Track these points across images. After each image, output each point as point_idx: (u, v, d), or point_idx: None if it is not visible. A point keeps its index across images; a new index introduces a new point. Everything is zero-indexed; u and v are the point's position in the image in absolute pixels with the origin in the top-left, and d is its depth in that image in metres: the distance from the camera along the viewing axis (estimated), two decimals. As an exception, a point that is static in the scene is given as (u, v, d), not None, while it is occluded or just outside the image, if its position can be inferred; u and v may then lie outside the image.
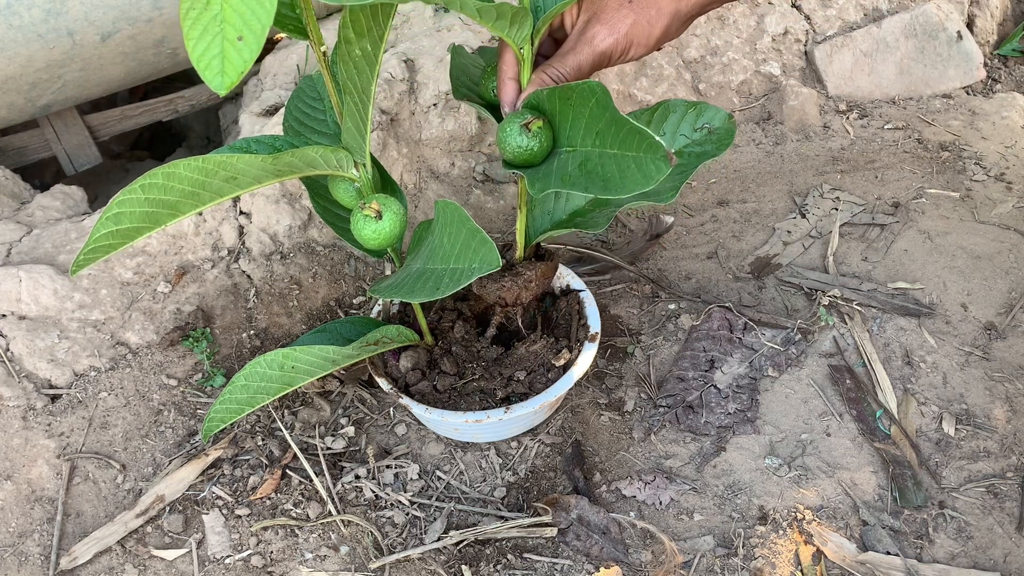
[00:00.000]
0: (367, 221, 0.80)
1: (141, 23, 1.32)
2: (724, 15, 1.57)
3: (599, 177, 0.68)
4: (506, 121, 0.76)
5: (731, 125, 0.84)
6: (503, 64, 0.78)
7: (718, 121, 0.85)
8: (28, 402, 1.06)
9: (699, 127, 0.86)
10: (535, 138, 0.75)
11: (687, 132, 0.86)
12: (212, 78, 0.50)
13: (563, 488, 1.00)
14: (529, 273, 0.94)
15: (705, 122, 0.85)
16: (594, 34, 0.77)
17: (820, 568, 0.90)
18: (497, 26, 0.71)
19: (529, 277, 0.94)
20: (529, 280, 0.94)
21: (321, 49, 0.74)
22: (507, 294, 0.94)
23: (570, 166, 0.72)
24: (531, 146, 0.75)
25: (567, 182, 0.71)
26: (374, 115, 1.31)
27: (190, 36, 0.49)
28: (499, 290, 0.94)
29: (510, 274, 0.94)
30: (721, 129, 0.85)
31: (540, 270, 0.95)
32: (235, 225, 1.21)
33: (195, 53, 0.50)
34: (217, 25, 0.48)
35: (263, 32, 0.49)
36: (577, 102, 0.71)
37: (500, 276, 0.94)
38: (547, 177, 0.74)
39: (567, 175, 0.72)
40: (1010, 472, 0.97)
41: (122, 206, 0.66)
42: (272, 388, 0.86)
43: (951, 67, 1.61)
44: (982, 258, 1.21)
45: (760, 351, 1.11)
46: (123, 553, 0.96)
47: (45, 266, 1.12)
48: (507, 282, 0.94)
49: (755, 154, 1.49)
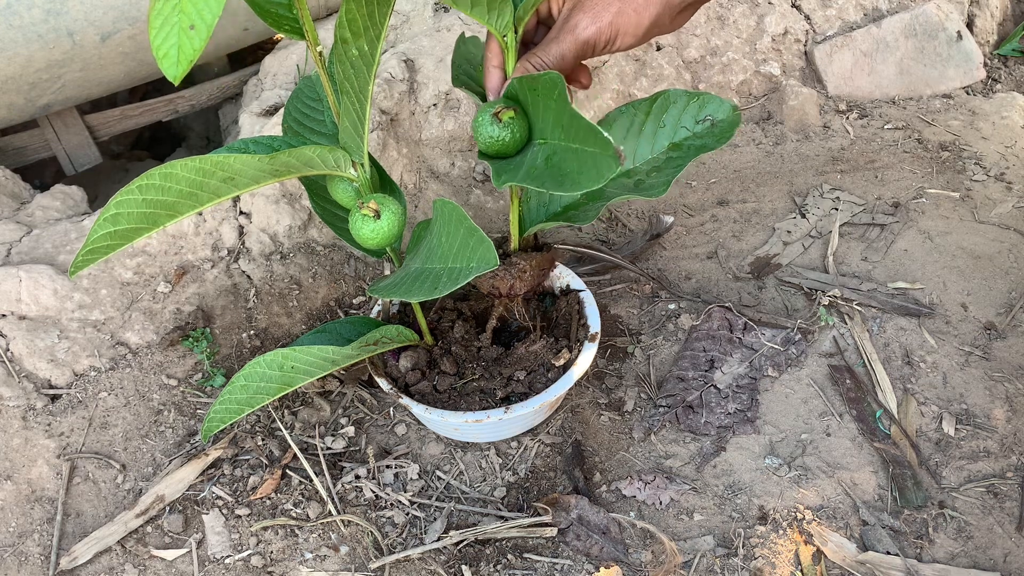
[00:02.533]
0: (365, 220, 0.80)
1: (141, 23, 1.32)
2: (724, 15, 1.57)
3: (560, 173, 0.67)
4: (480, 110, 0.75)
5: (735, 117, 0.81)
6: (488, 52, 0.77)
7: (722, 113, 0.82)
8: (28, 402, 1.06)
9: (702, 119, 0.83)
10: (506, 128, 0.74)
11: (689, 124, 0.83)
12: (168, 67, 0.53)
13: (563, 488, 1.00)
14: (523, 264, 0.93)
15: (708, 114, 0.82)
16: (576, 22, 0.75)
17: (820, 568, 0.90)
18: (475, 12, 0.70)
19: (523, 268, 0.93)
20: (523, 271, 0.93)
21: (318, 49, 0.74)
22: (501, 284, 0.93)
23: (539, 159, 0.71)
24: (502, 136, 0.74)
25: (531, 176, 0.70)
26: (373, 115, 1.31)
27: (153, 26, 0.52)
28: (493, 280, 0.93)
29: (504, 264, 0.93)
30: (725, 121, 0.81)
31: (535, 261, 0.94)
32: (235, 225, 1.21)
33: (155, 43, 0.53)
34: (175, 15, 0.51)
35: (213, 21, 0.52)
36: (543, 93, 0.69)
37: None
38: (515, 170, 0.72)
39: (534, 168, 0.70)
40: (1010, 472, 0.97)
41: (120, 207, 0.66)
42: (272, 388, 0.86)
43: (951, 67, 1.61)
44: (982, 258, 1.21)
45: (760, 351, 1.11)
46: (123, 553, 0.96)
47: (45, 266, 1.12)
48: (501, 272, 0.93)
49: (755, 154, 1.48)
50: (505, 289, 0.94)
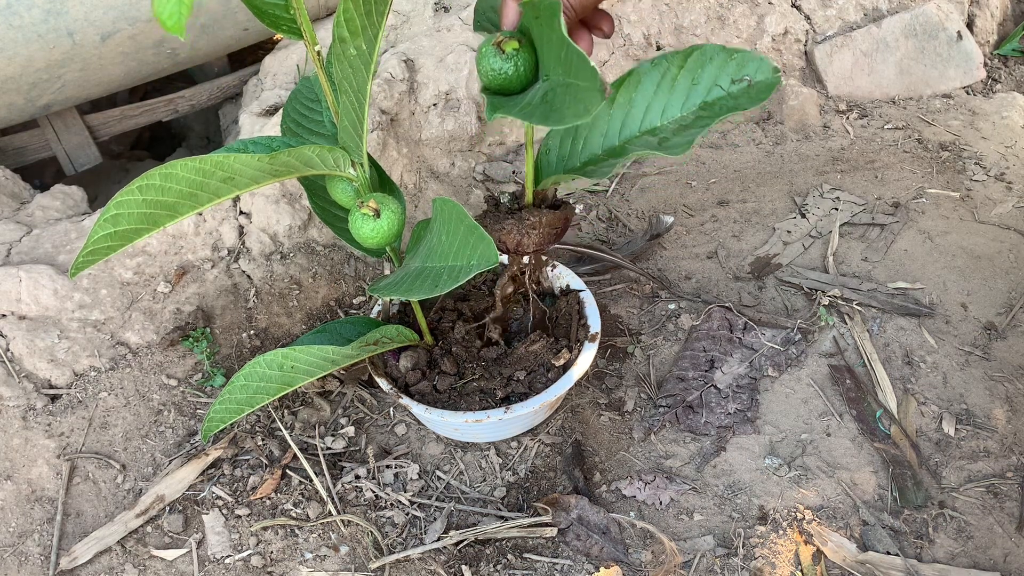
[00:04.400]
0: (365, 220, 0.80)
1: (141, 23, 1.32)
2: (724, 15, 1.57)
3: (551, 108, 0.63)
4: (484, 41, 0.70)
5: (775, 79, 0.75)
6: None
7: (762, 74, 0.75)
8: (28, 402, 1.06)
9: (739, 78, 0.76)
10: (509, 60, 0.68)
11: (724, 84, 0.77)
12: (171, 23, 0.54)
13: (563, 488, 1.00)
14: (534, 219, 0.85)
15: (747, 74, 0.76)
16: None
17: (820, 568, 0.90)
18: None
19: (533, 223, 0.85)
20: (533, 226, 0.85)
21: (316, 49, 0.74)
22: (508, 238, 0.86)
23: (538, 96, 0.66)
24: (505, 69, 0.69)
25: (524, 111, 0.65)
26: (373, 115, 1.31)
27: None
28: (500, 233, 0.86)
29: (514, 218, 0.86)
30: (763, 83, 0.75)
31: (547, 217, 0.86)
32: (235, 225, 1.21)
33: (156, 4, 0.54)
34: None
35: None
36: (545, 22, 0.64)
37: (503, 219, 0.86)
38: (510, 105, 0.68)
39: (529, 105, 0.66)
40: (1010, 472, 0.97)
41: (120, 207, 0.66)
42: (272, 388, 0.86)
43: (951, 67, 1.61)
44: (982, 258, 1.21)
45: (760, 351, 1.11)
46: (123, 553, 0.96)
47: (45, 266, 1.12)
48: (508, 225, 0.85)
49: (755, 154, 1.48)
50: (512, 244, 0.87)
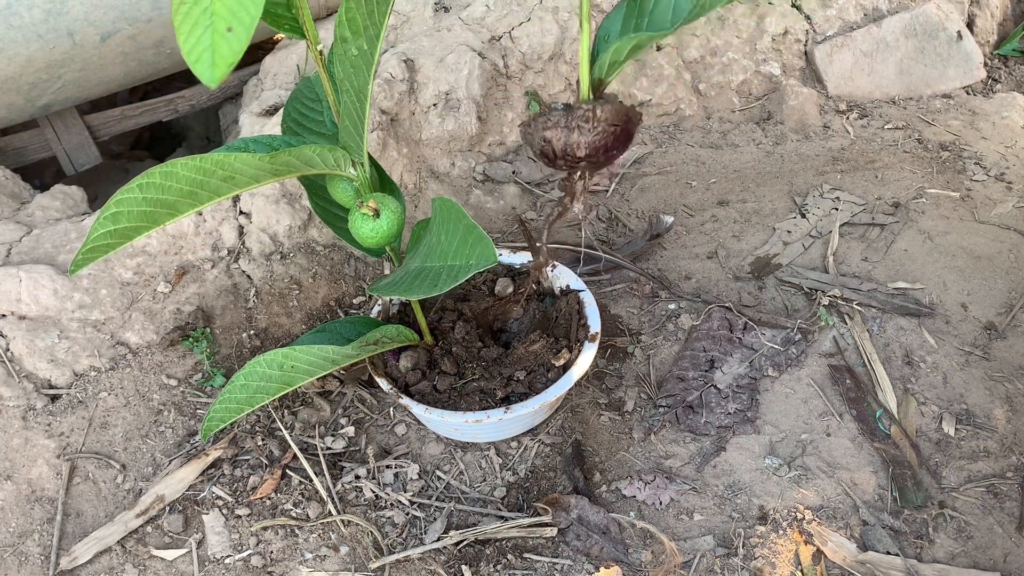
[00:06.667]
0: (365, 220, 0.80)
1: (141, 23, 1.32)
2: (724, 15, 1.57)
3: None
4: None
5: None
6: None
7: None
8: (28, 402, 1.06)
9: None
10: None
11: None
12: (203, 71, 0.50)
13: (563, 488, 1.00)
14: (587, 111, 0.67)
15: None
16: None
17: (820, 568, 0.90)
18: None
19: (587, 115, 0.66)
20: (585, 118, 0.67)
21: (318, 48, 0.74)
22: (553, 136, 0.68)
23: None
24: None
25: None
26: (374, 115, 1.31)
27: (181, 30, 0.49)
28: (544, 131, 0.67)
29: (562, 112, 0.68)
30: None
31: (605, 110, 0.67)
32: (235, 225, 1.21)
33: (186, 47, 0.50)
34: (207, 18, 0.49)
35: (252, 23, 0.50)
36: None
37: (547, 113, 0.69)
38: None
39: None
40: (1010, 472, 0.97)
41: (120, 206, 0.66)
42: (272, 388, 0.86)
43: (951, 67, 1.61)
44: (982, 258, 1.21)
45: (760, 351, 1.11)
46: (123, 553, 0.96)
47: (45, 266, 1.12)
48: (555, 117, 0.67)
49: (755, 154, 1.48)
50: (560, 147, 0.68)
